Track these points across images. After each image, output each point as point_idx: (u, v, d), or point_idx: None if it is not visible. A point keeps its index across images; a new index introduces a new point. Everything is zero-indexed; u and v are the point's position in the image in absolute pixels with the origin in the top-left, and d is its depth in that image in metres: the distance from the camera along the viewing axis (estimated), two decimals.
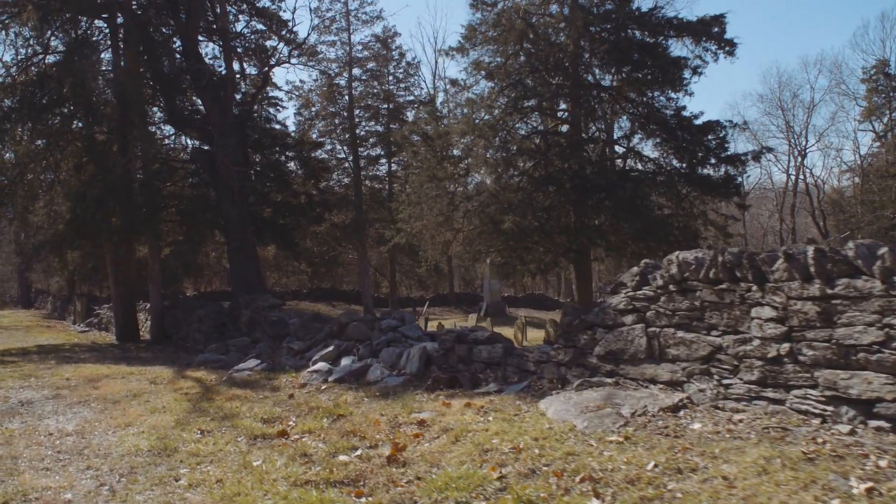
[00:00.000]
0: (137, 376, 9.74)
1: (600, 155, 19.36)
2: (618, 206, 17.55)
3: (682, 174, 18.81)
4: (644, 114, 19.18)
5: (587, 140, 19.34)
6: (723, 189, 18.77)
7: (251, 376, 9.23)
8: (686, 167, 19.01)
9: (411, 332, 9.32)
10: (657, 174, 19.06)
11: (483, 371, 7.26)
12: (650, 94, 19.38)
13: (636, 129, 20.12)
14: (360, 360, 8.90)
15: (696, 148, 18.59)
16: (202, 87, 16.52)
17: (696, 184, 18.62)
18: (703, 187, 18.59)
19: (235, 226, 16.06)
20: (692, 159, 18.66)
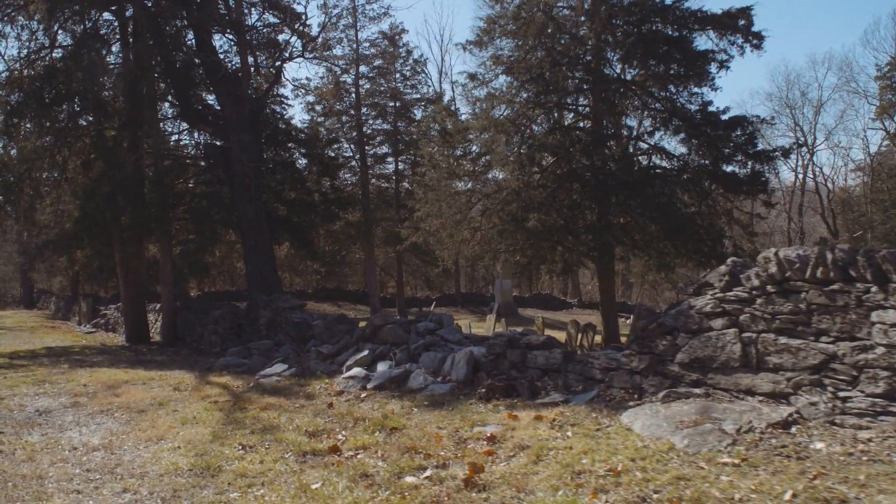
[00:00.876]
0: (158, 382, 9.18)
1: (623, 151, 18.81)
2: (644, 205, 17.03)
3: (708, 171, 18.26)
4: (669, 109, 18.65)
5: (609, 136, 18.79)
6: (750, 186, 18.23)
7: (280, 382, 8.69)
8: (712, 164, 18.46)
9: (451, 336, 8.77)
10: (682, 171, 18.51)
11: (540, 378, 6.71)
12: (675, 89, 18.84)
13: (660, 125, 19.55)
14: (397, 365, 8.35)
15: (723, 144, 18.04)
16: (217, 80, 15.95)
17: (723, 181, 18.07)
18: (729, 184, 18.04)
19: (251, 224, 15.50)
20: (719, 156, 18.11)
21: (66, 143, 18.25)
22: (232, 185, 15.93)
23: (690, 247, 17.55)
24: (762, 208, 22.12)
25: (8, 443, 5.98)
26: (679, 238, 17.24)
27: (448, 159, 19.36)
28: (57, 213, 23.75)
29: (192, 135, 19.35)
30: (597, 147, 18.19)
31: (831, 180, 61.15)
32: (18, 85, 17.63)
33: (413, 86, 45.81)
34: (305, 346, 11.17)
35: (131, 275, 18.24)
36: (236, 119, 15.50)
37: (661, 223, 17.03)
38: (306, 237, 17.70)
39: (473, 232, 19.55)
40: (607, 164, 17.99)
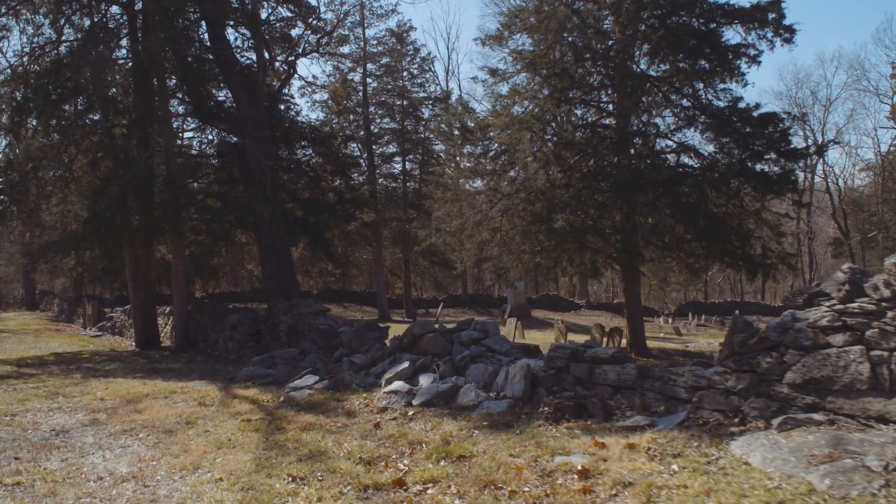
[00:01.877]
0: (181, 395, 8.54)
1: (651, 149, 18.17)
2: (674, 205, 16.40)
3: (739, 170, 17.61)
4: (698, 106, 18.02)
5: (635, 133, 18.13)
6: (780, 185, 17.57)
7: (314, 397, 8.04)
8: (741, 162, 17.80)
9: (498, 346, 8.12)
10: (711, 170, 17.86)
11: (612, 397, 6.06)
12: (703, 84, 18.20)
13: (687, 122, 18.89)
14: (441, 378, 7.70)
15: (755, 141, 17.39)
16: (232, 75, 15.30)
17: (753, 180, 17.42)
18: (760, 183, 17.39)
19: (268, 225, 14.85)
20: (750, 153, 17.46)
21: (74, 141, 17.61)
22: (248, 185, 15.28)
23: (721, 248, 16.93)
24: (791, 208, 21.44)
25: (26, 472, 5.33)
26: (710, 239, 16.62)
27: (469, 158, 18.73)
28: (63, 213, 23.13)
29: (203, 132, 18.67)
30: (623, 145, 17.57)
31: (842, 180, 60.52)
32: (24, 81, 17.00)
33: (420, 84, 45.19)
34: (332, 354, 10.53)
35: (141, 277, 17.60)
36: (254, 115, 14.85)
37: (691, 224, 16.41)
38: (323, 238, 17.05)
39: (493, 233, 18.92)
40: (633, 162, 17.37)
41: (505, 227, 18.86)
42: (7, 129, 16.09)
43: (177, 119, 18.05)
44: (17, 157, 17.37)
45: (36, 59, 17.86)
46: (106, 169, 18.11)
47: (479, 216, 18.80)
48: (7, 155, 17.65)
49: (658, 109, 19.31)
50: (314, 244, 17.10)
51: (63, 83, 16.37)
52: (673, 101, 18.93)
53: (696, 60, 17.61)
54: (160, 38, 15.27)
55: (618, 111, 18.72)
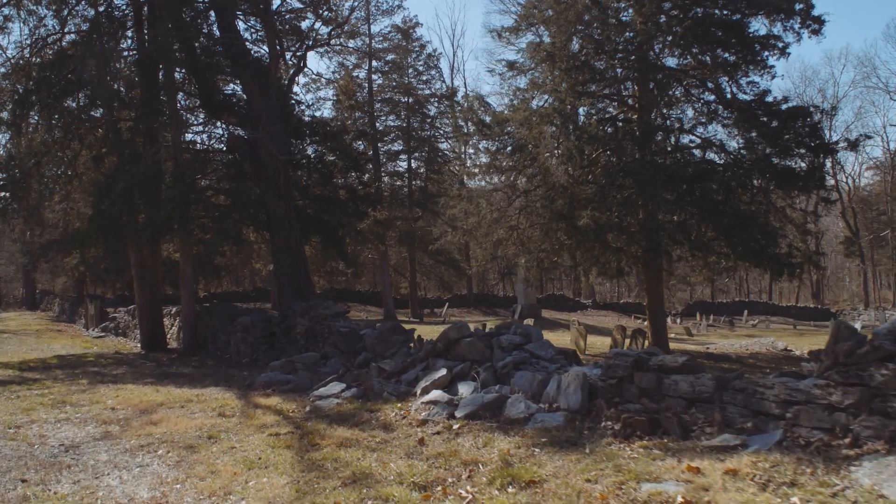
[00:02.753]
0: (198, 405, 7.92)
1: (675, 144, 17.57)
2: (701, 202, 15.80)
3: (767, 165, 16.98)
4: (724, 100, 17.40)
5: (659, 128, 17.51)
6: (807, 181, 16.96)
7: (343, 406, 7.42)
8: (765, 158, 17.17)
9: (542, 352, 7.50)
10: (737, 166, 17.24)
11: (686, 410, 5.44)
12: (728, 77, 17.58)
13: (712, 116, 18.26)
14: (483, 387, 7.09)
15: (784, 136, 16.77)
16: (243, 66, 14.69)
17: (781, 176, 16.80)
18: (786, 180, 16.77)
19: (281, 222, 14.23)
20: (778, 149, 16.84)
21: (77, 136, 17.01)
22: (260, 181, 14.67)
23: (748, 247, 16.33)
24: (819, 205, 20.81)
25: (35, 497, 4.72)
26: (737, 238, 16.01)
27: (484, 153, 18.13)
28: (65, 211, 22.51)
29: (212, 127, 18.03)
30: (647, 139, 16.97)
31: (851, 178, 59.86)
32: (26, 73, 16.39)
33: (426, 81, 44.57)
34: (355, 359, 9.91)
35: (147, 277, 16.98)
36: (267, 108, 14.23)
37: (718, 222, 15.81)
38: (337, 236, 16.43)
39: (510, 231, 18.31)
40: (657, 158, 16.77)
41: (522, 224, 18.26)
42: (9, 123, 15.45)
43: (184, 113, 17.37)
44: (18, 153, 16.75)
45: (38, 51, 17.24)
46: (110, 165, 17.51)
47: (495, 214, 18.21)
48: (9, 150, 17.04)
49: (681, 103, 18.71)
50: (327, 242, 16.48)
51: (66, 75, 15.76)
52: (694, 96, 18.34)
53: (722, 52, 17.02)
54: (168, 27, 14.64)
55: (639, 105, 18.13)
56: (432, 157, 44.01)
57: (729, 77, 17.52)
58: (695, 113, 18.50)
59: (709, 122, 18.21)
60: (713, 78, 17.77)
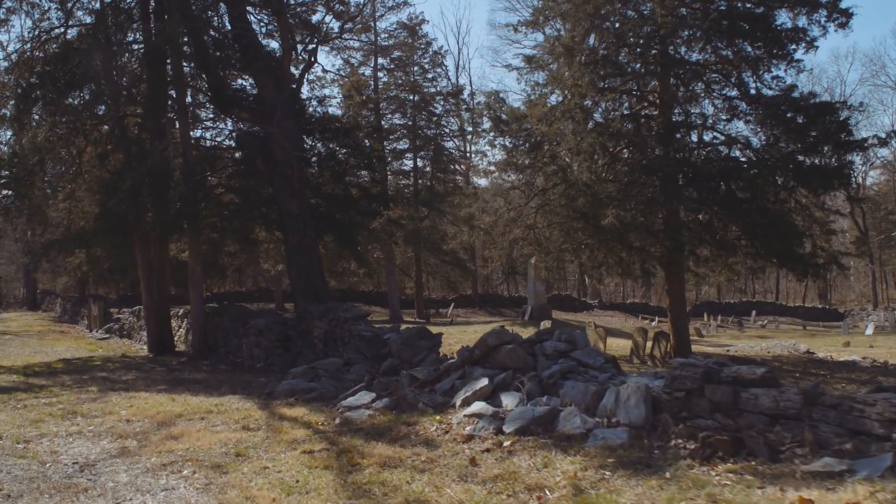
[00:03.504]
0: (219, 416, 7.39)
1: (699, 141, 17.06)
2: (728, 200, 15.28)
3: (792, 163, 16.45)
4: (749, 95, 16.87)
5: (682, 124, 16.99)
6: (833, 179, 16.41)
7: (375, 419, 6.90)
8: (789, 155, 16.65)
9: (590, 359, 6.98)
10: (764, 163, 16.71)
11: (770, 428, 4.92)
12: (752, 72, 17.06)
13: (732, 112, 17.73)
14: (529, 398, 6.57)
15: (810, 132, 16.25)
16: (255, 59, 14.15)
17: (807, 173, 16.26)
18: (811, 177, 16.24)
19: (295, 221, 13.71)
20: (805, 146, 16.32)
21: (82, 132, 16.49)
22: (272, 178, 14.14)
23: (774, 247, 15.82)
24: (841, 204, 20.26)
25: None
26: (766, 238, 15.50)
27: (501, 150, 17.61)
28: (69, 209, 22.00)
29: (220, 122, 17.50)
30: (670, 135, 16.47)
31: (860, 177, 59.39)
32: (29, 67, 15.86)
33: (432, 79, 43.97)
34: (380, 365, 9.40)
35: (154, 277, 16.44)
36: (280, 103, 13.69)
37: (745, 221, 15.29)
38: (351, 235, 15.90)
39: (527, 230, 17.79)
40: (682, 155, 16.26)
41: (540, 224, 17.74)
42: (12, 118, 14.92)
43: (192, 109, 16.83)
44: (22, 149, 16.22)
45: (42, 45, 16.70)
46: (116, 162, 17.01)
47: (512, 213, 17.69)
48: (12, 147, 16.51)
49: (702, 99, 18.19)
50: (341, 242, 15.95)
51: (71, 70, 15.23)
52: (715, 91, 17.82)
53: (748, 46, 16.50)
54: (177, 18, 14.11)
55: (661, 101, 17.61)
56: (438, 156, 43.43)
57: (753, 72, 17.00)
58: (714, 109, 18.00)
59: (732, 119, 17.70)
60: (737, 73, 17.25)
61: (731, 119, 17.64)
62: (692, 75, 17.42)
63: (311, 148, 16.92)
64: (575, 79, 16.51)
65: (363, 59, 42.21)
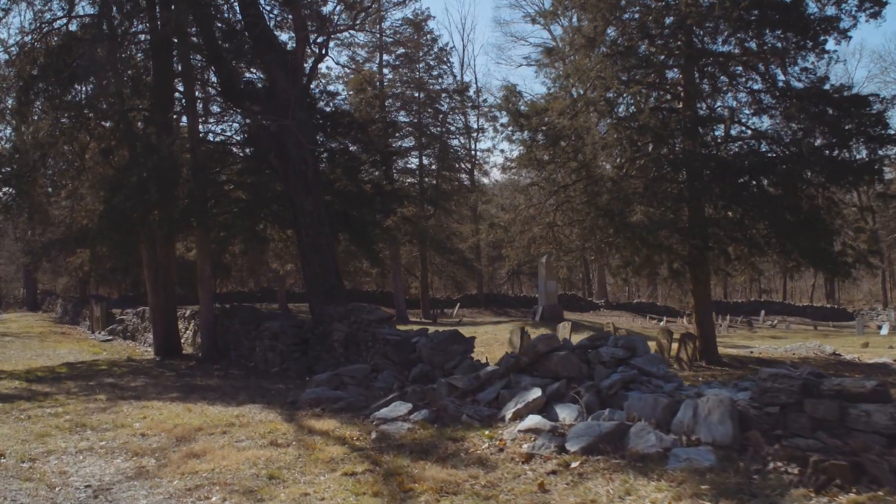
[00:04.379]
0: (242, 430, 6.75)
1: (727, 135, 16.43)
2: (762, 197, 14.65)
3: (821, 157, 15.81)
4: (779, 88, 16.25)
5: (709, 118, 16.35)
6: (864, 175, 15.78)
7: (416, 433, 6.26)
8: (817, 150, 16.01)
9: (653, 367, 6.35)
10: (794, 158, 16.07)
11: (889, 450, 4.28)
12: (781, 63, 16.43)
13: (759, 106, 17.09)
14: (588, 411, 5.93)
15: (843, 126, 15.61)
16: (267, 50, 13.49)
17: (837, 169, 15.63)
18: (841, 173, 15.62)
19: (309, 218, 13.05)
20: (838, 140, 15.68)
21: (86, 127, 15.85)
22: (286, 174, 13.48)
23: (806, 246, 15.19)
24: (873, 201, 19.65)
25: None
26: (799, 236, 14.87)
27: (520, 146, 16.95)
28: (72, 207, 21.34)
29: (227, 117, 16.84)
30: (696, 130, 15.85)
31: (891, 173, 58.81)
32: (31, 59, 15.20)
33: (438, 76, 43.33)
34: (410, 372, 8.76)
35: (161, 277, 15.79)
36: (295, 95, 13.04)
37: (777, 219, 14.66)
38: (367, 234, 15.24)
39: (547, 228, 17.16)
40: (708, 149, 15.65)
41: (560, 222, 17.11)
42: (14, 110, 14.28)
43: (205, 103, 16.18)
44: (23, 145, 15.57)
45: (43, 37, 16.04)
46: (121, 158, 16.38)
47: (531, 209, 17.06)
48: (13, 142, 15.86)
49: (727, 92, 17.56)
50: (356, 241, 15.30)
51: (74, 61, 14.58)
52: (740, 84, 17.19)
53: (780, 35, 15.87)
54: (185, 6, 13.44)
55: (685, 93, 16.98)
56: (444, 154, 42.77)
57: (781, 63, 16.38)
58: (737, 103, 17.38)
59: (759, 113, 17.07)
60: (763, 64, 16.64)
61: (759, 113, 17.04)
62: (718, 67, 16.80)
63: (323, 143, 16.27)
64: (598, 70, 15.88)
65: (368, 55, 41.59)
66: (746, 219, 14.96)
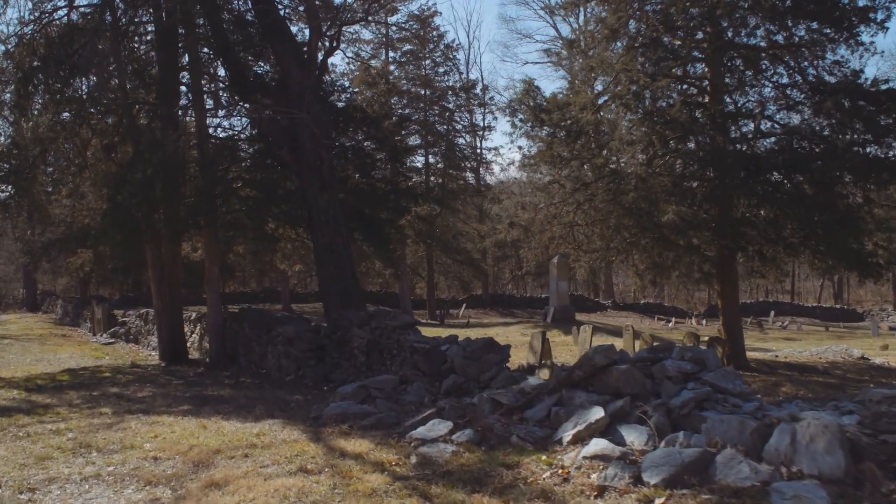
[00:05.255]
0: (266, 452, 6.06)
1: (755, 130, 15.76)
2: (797, 195, 13.99)
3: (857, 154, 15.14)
4: (810, 82, 15.60)
5: (740, 113, 15.67)
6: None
7: (462, 457, 5.57)
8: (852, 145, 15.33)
9: (728, 384, 5.66)
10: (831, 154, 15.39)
11: None
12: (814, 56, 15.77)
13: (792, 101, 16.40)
14: (660, 434, 5.25)
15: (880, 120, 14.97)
16: (280, 39, 12.81)
17: (873, 166, 14.98)
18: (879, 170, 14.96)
19: (325, 217, 12.36)
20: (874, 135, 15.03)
21: (88, 122, 15.18)
22: (300, 170, 12.80)
23: (841, 247, 14.54)
24: None
25: None
26: (836, 236, 14.20)
27: (539, 142, 16.28)
28: (73, 206, 20.68)
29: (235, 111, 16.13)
30: (726, 125, 15.20)
31: None
32: (31, 50, 14.52)
33: (444, 73, 42.66)
34: (441, 384, 8.09)
35: (166, 279, 15.11)
36: (308, 87, 12.36)
37: (811, 218, 13.99)
38: (382, 234, 14.55)
39: (567, 228, 16.49)
40: (740, 145, 15.01)
41: (580, 221, 16.44)
42: (13, 103, 13.60)
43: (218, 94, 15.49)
44: (23, 140, 14.88)
45: (43, 27, 15.35)
46: (124, 155, 15.71)
47: (551, 208, 16.39)
48: (12, 137, 15.18)
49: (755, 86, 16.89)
50: (372, 241, 14.60)
51: (76, 51, 13.90)
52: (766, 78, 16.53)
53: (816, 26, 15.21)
54: None
55: (712, 87, 16.31)
56: (451, 153, 42.09)
57: (812, 56, 15.72)
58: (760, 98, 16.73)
59: (789, 108, 16.41)
60: (793, 57, 15.98)
61: (788, 108, 16.38)
62: (744, 61, 16.15)
63: (335, 139, 15.58)
64: (623, 63, 15.22)
65: (373, 52, 40.93)
66: (781, 218, 14.30)
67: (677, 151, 14.51)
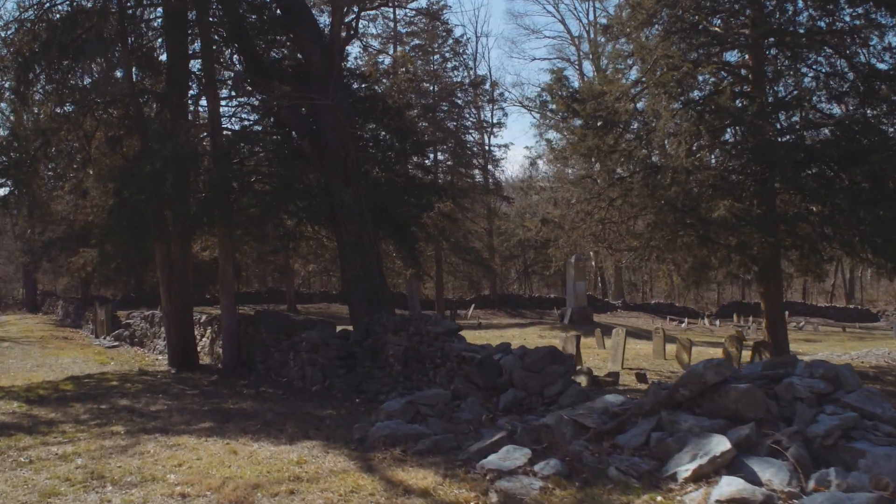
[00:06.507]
0: (314, 487, 5.09)
1: (803, 120, 14.85)
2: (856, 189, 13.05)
3: None
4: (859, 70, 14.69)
5: (786, 103, 14.73)
6: None
7: (551, 494, 4.62)
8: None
9: (875, 408, 4.70)
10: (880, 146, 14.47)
11: None
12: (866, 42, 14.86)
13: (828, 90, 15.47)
14: (802, 469, 4.30)
15: None
16: (298, 22, 11.85)
17: None
18: None
19: (349, 214, 11.40)
20: None
21: (92, 112, 14.22)
22: (322, 162, 11.84)
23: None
24: None
25: None
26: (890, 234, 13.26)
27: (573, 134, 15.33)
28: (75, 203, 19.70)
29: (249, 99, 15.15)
30: (774, 114, 14.27)
31: None
32: (32, 36, 13.56)
33: (453, 68, 41.73)
34: (497, 398, 7.13)
35: (175, 279, 14.15)
36: (331, 72, 11.39)
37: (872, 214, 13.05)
38: (408, 231, 13.58)
39: (601, 225, 15.53)
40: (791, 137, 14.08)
41: (615, 218, 15.48)
42: (12, 90, 12.64)
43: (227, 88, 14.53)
44: (24, 131, 13.92)
45: (45, 12, 14.39)
46: (130, 148, 14.77)
47: (584, 205, 15.43)
48: (12, 127, 14.23)
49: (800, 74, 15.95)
50: (398, 238, 13.63)
51: (80, 35, 12.95)
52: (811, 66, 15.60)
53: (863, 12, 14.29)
54: None
55: (754, 75, 15.38)
56: (460, 150, 41.10)
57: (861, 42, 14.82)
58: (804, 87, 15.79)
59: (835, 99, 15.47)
60: (841, 43, 15.05)
61: (837, 97, 15.44)
62: (788, 48, 15.21)
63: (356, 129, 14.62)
64: (663, 49, 14.26)
65: (381, 46, 39.99)
66: (837, 214, 13.35)
67: (724, 143, 13.55)
